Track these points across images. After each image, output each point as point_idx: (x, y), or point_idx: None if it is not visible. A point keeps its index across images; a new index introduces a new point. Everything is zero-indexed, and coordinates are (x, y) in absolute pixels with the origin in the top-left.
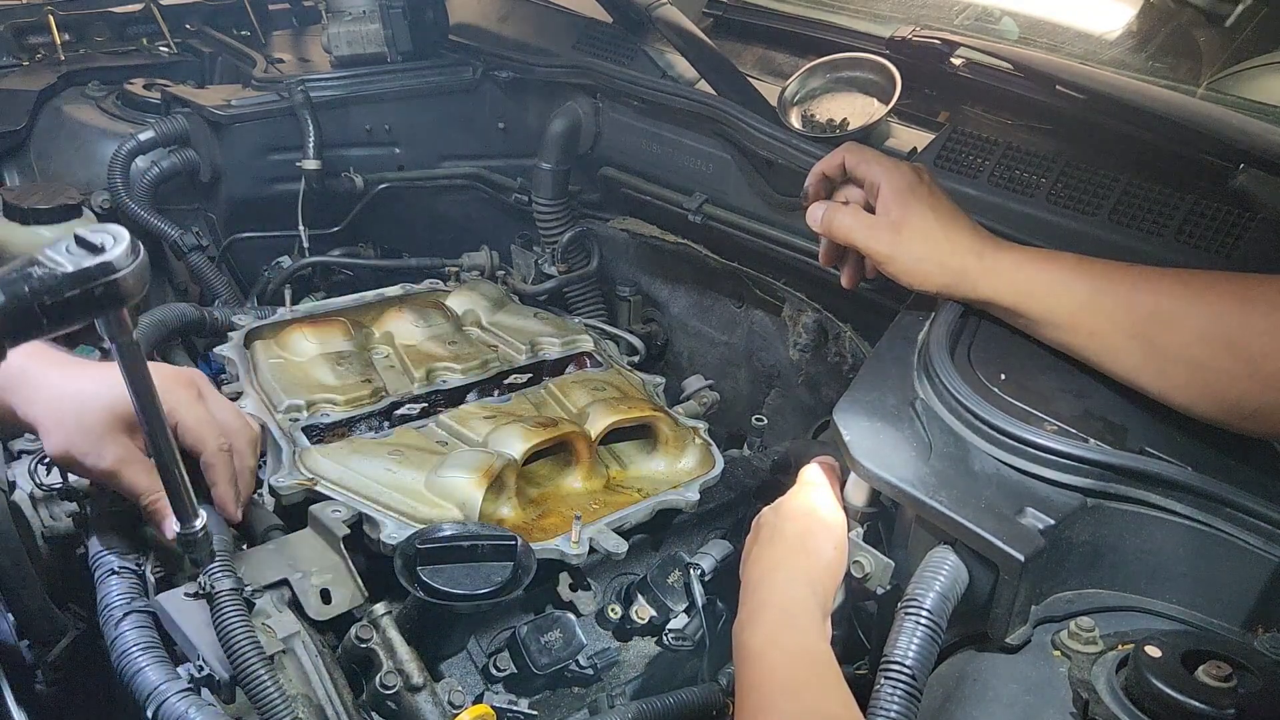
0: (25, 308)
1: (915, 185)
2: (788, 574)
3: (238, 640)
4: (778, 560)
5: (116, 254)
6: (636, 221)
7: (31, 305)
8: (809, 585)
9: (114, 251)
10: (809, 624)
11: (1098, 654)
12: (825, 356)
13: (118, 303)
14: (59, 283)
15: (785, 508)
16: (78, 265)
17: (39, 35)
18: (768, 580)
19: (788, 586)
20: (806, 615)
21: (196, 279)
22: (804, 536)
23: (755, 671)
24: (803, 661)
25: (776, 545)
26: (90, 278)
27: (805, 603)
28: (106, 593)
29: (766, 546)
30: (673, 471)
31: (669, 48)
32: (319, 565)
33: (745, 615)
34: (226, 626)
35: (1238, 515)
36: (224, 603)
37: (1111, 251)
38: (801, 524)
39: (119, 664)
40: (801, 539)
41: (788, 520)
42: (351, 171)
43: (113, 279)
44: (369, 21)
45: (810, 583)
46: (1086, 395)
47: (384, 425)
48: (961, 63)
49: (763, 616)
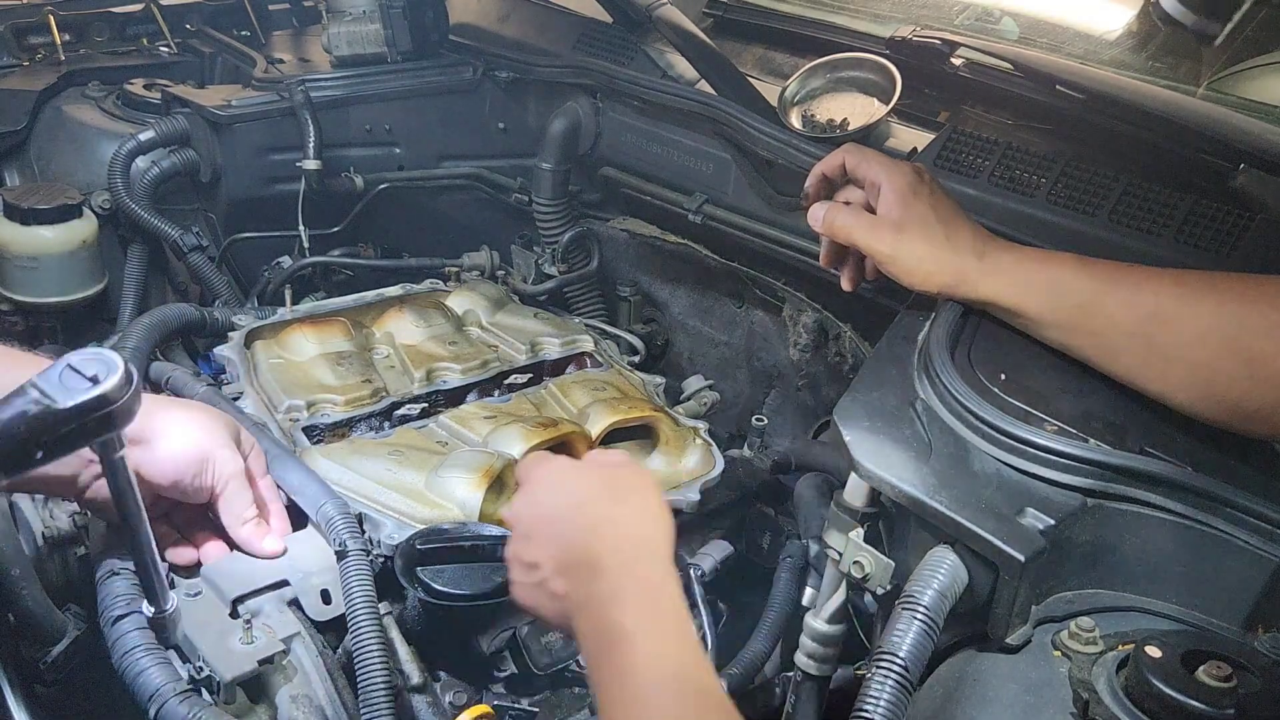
0: (21, 445)
1: (916, 185)
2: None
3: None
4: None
5: (111, 385)
6: (636, 221)
7: (29, 442)
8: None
9: (109, 383)
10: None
11: (1098, 654)
12: (825, 356)
13: (112, 429)
14: (55, 419)
15: (541, 493)
16: (74, 401)
17: (39, 35)
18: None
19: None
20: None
21: (196, 279)
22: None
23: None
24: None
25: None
26: (87, 411)
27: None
28: (106, 593)
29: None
30: (673, 471)
31: (669, 48)
32: (319, 565)
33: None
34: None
35: (1238, 515)
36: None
37: (1111, 251)
38: (573, 488)
39: (121, 665)
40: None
41: (558, 494)
42: (351, 171)
43: (109, 410)
44: (369, 21)
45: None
46: (1086, 395)
47: (384, 425)
48: (961, 63)
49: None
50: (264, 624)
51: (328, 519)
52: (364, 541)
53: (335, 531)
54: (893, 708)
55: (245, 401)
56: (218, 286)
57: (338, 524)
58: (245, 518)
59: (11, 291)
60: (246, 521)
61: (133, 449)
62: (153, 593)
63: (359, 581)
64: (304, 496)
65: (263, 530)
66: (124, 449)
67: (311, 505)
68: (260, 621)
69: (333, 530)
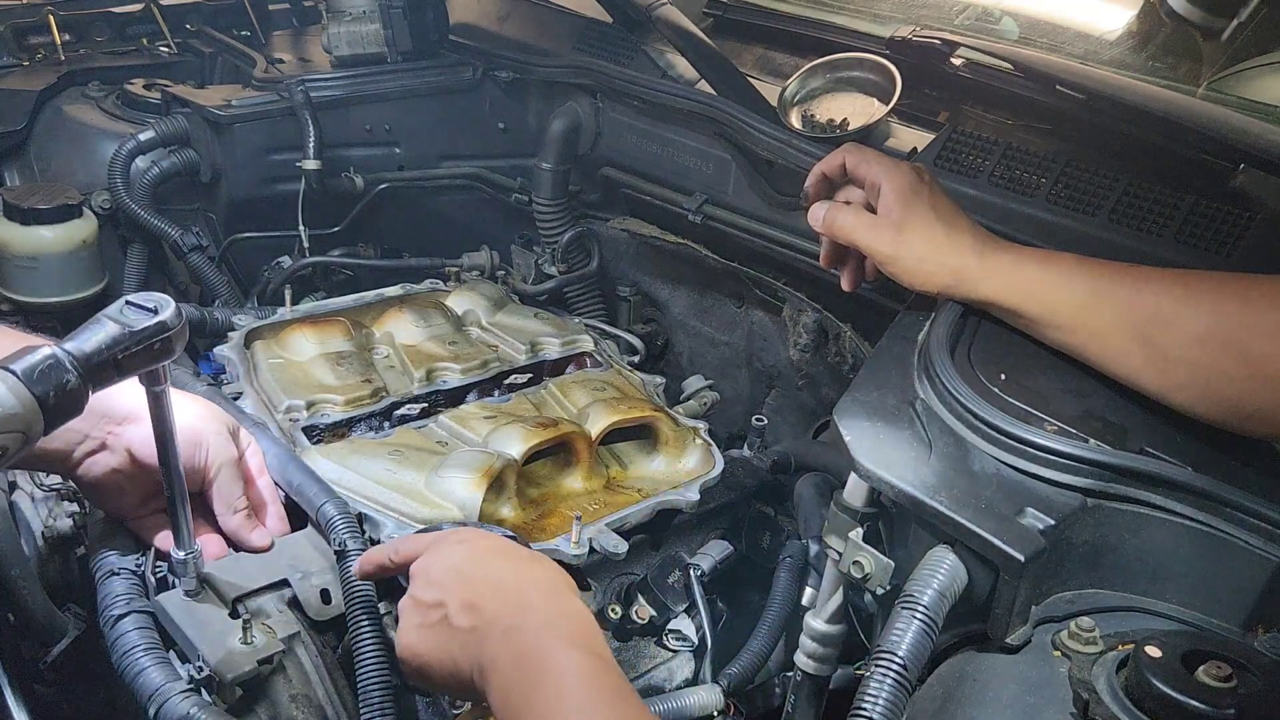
0: (106, 361)
1: (917, 185)
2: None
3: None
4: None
5: (169, 314)
6: (636, 221)
7: (110, 358)
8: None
9: (168, 312)
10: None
11: (1098, 654)
12: (825, 356)
13: (167, 355)
14: (130, 339)
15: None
16: (144, 323)
17: (39, 35)
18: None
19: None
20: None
21: (196, 279)
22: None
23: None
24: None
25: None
26: (152, 335)
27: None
28: (106, 593)
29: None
30: (673, 471)
31: (669, 48)
32: (319, 565)
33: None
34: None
35: (1238, 515)
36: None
37: (1111, 251)
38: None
39: (120, 664)
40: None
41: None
42: (351, 171)
43: (167, 335)
44: (369, 21)
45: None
46: (1086, 395)
47: (384, 425)
48: (961, 63)
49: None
50: (264, 624)
51: (328, 519)
52: (364, 541)
53: (335, 531)
54: (891, 706)
55: (245, 401)
56: (218, 286)
57: (337, 524)
58: (236, 507)
59: (11, 291)
60: (238, 511)
61: (126, 426)
62: (180, 534)
63: (359, 581)
64: (304, 496)
65: (253, 523)
66: (168, 383)
67: (311, 505)
68: (260, 621)
69: (333, 530)
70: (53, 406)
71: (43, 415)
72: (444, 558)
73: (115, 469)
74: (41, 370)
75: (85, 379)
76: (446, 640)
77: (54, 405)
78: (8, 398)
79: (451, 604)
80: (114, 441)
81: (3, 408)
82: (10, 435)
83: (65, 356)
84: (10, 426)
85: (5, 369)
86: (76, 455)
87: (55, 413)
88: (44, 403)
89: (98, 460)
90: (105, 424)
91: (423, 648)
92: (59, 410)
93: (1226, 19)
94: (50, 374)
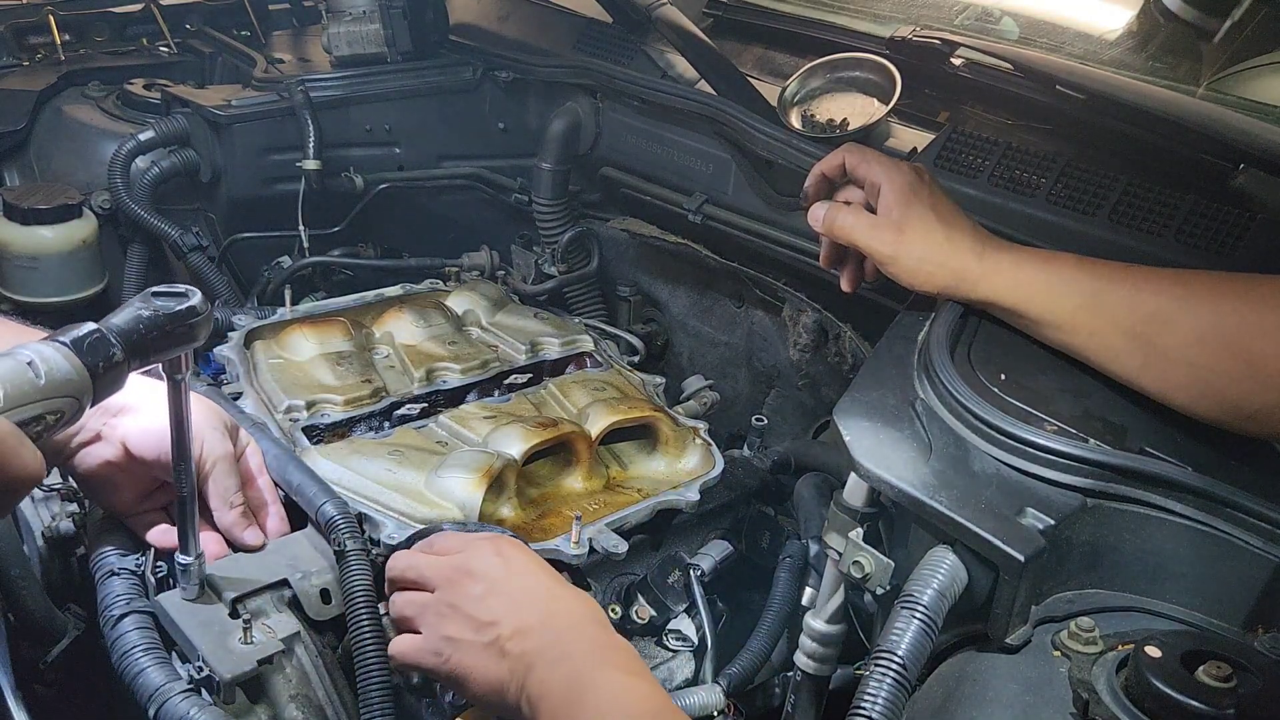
0: (142, 339)
1: (917, 186)
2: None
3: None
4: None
5: (198, 300)
6: (636, 221)
7: (145, 337)
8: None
9: (196, 299)
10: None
11: (1098, 654)
12: (825, 356)
13: (193, 340)
14: (162, 321)
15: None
16: (176, 307)
17: (39, 35)
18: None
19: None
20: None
21: (196, 279)
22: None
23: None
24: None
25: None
26: (182, 318)
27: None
28: (106, 593)
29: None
30: (673, 471)
31: (669, 48)
32: (319, 565)
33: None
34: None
35: (1238, 515)
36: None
37: (1111, 251)
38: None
39: (120, 665)
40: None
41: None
42: (351, 171)
43: (196, 320)
44: (369, 21)
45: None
46: (1086, 395)
47: (384, 425)
48: (961, 63)
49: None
50: (264, 624)
51: (327, 518)
52: (363, 541)
53: (335, 531)
54: (890, 706)
55: (245, 401)
56: (218, 286)
57: (338, 524)
58: (233, 502)
59: (11, 291)
60: (234, 507)
61: (121, 418)
62: (186, 538)
63: (359, 581)
64: (303, 496)
65: (247, 521)
66: (189, 371)
67: (311, 505)
68: (260, 621)
69: (333, 530)
70: (102, 377)
71: (93, 385)
72: (488, 565)
73: (109, 461)
74: (90, 342)
75: (127, 353)
76: (496, 662)
77: (103, 376)
78: (64, 365)
79: (505, 627)
80: (109, 433)
81: (62, 373)
82: (66, 400)
83: (108, 330)
84: (66, 391)
85: (57, 341)
86: (73, 446)
87: (103, 384)
88: (94, 373)
89: (92, 451)
90: (102, 415)
91: (471, 661)
92: (106, 382)
93: (1221, 18)
94: (98, 346)
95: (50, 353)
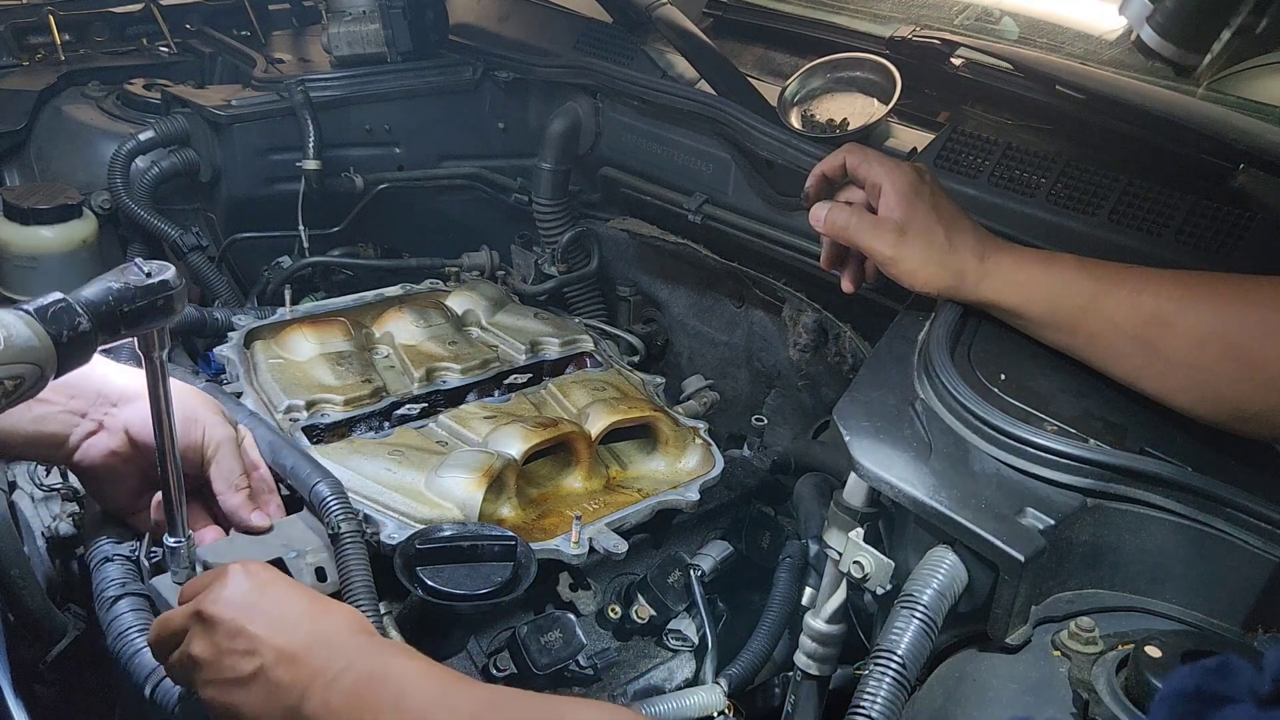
0: (112, 311)
1: (918, 186)
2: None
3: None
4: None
5: (170, 275)
6: (636, 221)
7: (115, 310)
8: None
9: (169, 273)
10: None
11: (1098, 654)
12: (825, 356)
13: (168, 315)
14: (134, 294)
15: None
16: (146, 282)
17: (39, 35)
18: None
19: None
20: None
21: (196, 279)
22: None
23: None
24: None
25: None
26: (155, 291)
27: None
28: (101, 578)
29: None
30: (673, 471)
31: (669, 48)
32: (314, 544)
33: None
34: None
35: (1238, 515)
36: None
37: (1111, 252)
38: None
39: (115, 646)
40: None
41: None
42: (351, 171)
43: (170, 294)
44: (369, 21)
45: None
46: (1086, 395)
47: (384, 425)
48: (961, 63)
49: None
50: None
51: (321, 498)
52: (358, 521)
53: (329, 510)
54: (889, 705)
55: (245, 401)
56: (217, 286)
57: (331, 503)
58: (238, 485)
59: (11, 291)
60: (240, 490)
61: (122, 407)
62: (173, 520)
63: (355, 559)
64: (297, 477)
65: (253, 504)
66: (165, 349)
67: (304, 485)
68: None
69: (326, 509)
70: (66, 345)
71: (56, 354)
72: (235, 593)
73: (113, 451)
74: (54, 311)
75: (95, 325)
76: (267, 695)
77: (67, 344)
78: (23, 331)
79: (267, 654)
80: (111, 422)
81: (22, 339)
82: (26, 366)
83: (75, 301)
84: (27, 358)
85: (19, 309)
86: (74, 439)
87: (68, 353)
88: (58, 341)
89: (95, 443)
90: (102, 405)
91: (239, 698)
92: (72, 350)
93: (1200, 54)
94: (62, 315)
95: (12, 319)
